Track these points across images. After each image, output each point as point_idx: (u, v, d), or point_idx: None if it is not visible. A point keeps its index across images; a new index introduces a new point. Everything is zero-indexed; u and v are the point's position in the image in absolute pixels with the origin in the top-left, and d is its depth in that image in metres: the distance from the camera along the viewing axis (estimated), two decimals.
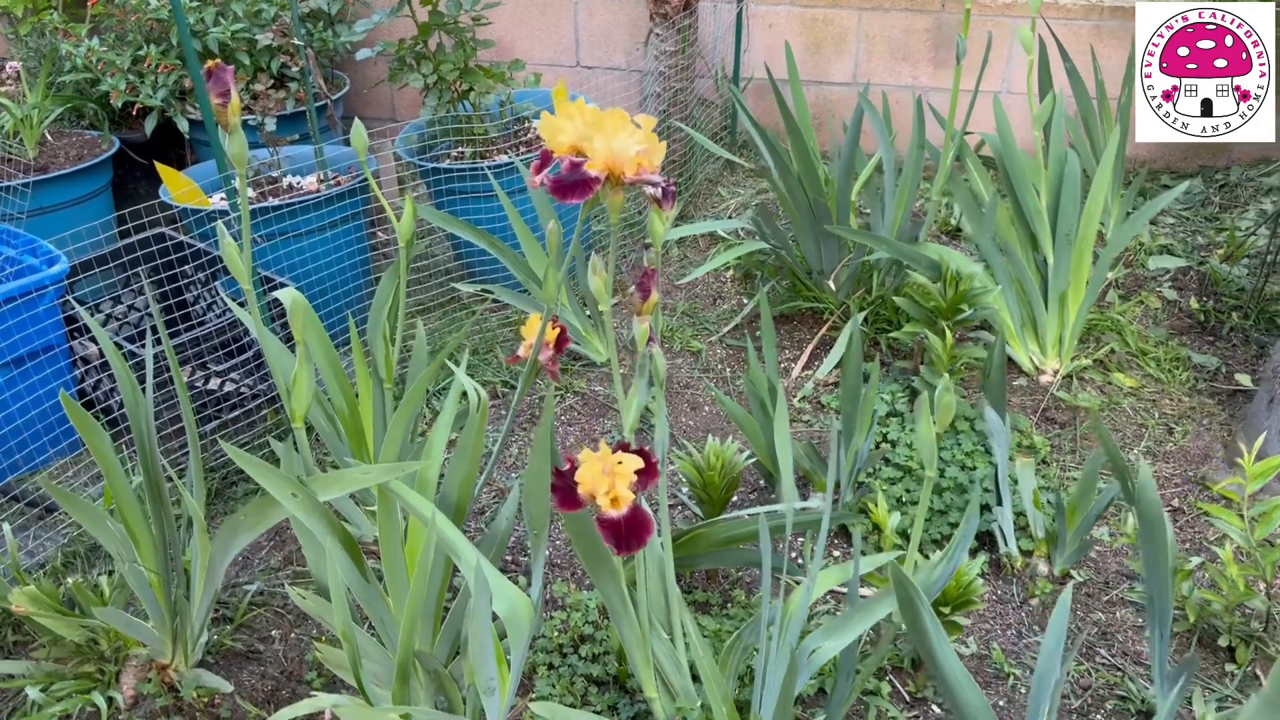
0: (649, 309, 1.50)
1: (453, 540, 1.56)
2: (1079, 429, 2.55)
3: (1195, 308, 2.99)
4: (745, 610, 2.01)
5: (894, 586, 1.28)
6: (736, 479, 2.03)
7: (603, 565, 1.64)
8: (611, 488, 1.45)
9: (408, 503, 1.60)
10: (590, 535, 1.60)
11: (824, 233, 2.66)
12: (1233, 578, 1.80)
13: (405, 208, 2.01)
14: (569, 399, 2.74)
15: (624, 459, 1.46)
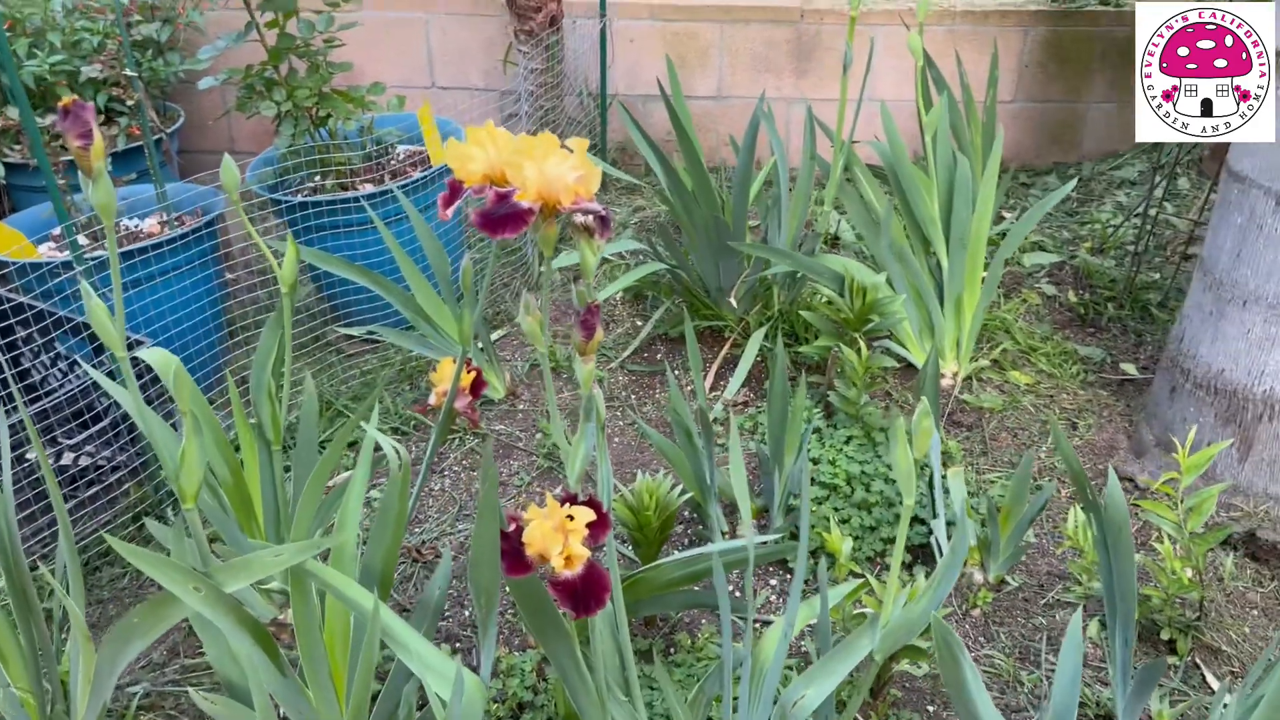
0: (593, 348, 1.38)
1: (394, 629, 1.40)
2: (987, 430, 2.57)
3: (1074, 301, 3.08)
4: (693, 656, 1.90)
5: (936, 642, 1.20)
6: (672, 517, 1.93)
7: (553, 629, 1.50)
8: (566, 546, 1.32)
9: (334, 588, 1.42)
10: (539, 599, 1.47)
11: (723, 249, 2.60)
12: (1175, 571, 1.81)
13: (288, 250, 1.82)
14: (469, 441, 2.57)
15: (575, 512, 1.34)
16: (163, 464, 1.53)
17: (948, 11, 3.81)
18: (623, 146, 4.06)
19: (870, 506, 2.19)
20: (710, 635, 1.96)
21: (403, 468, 1.53)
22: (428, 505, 2.39)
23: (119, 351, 1.39)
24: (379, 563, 1.55)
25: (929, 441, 1.27)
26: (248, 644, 1.45)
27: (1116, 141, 3.98)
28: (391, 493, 1.53)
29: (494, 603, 1.41)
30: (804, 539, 1.40)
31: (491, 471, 1.35)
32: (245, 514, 1.99)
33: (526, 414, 2.66)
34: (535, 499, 2.39)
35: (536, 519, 1.34)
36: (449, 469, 2.49)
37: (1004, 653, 1.96)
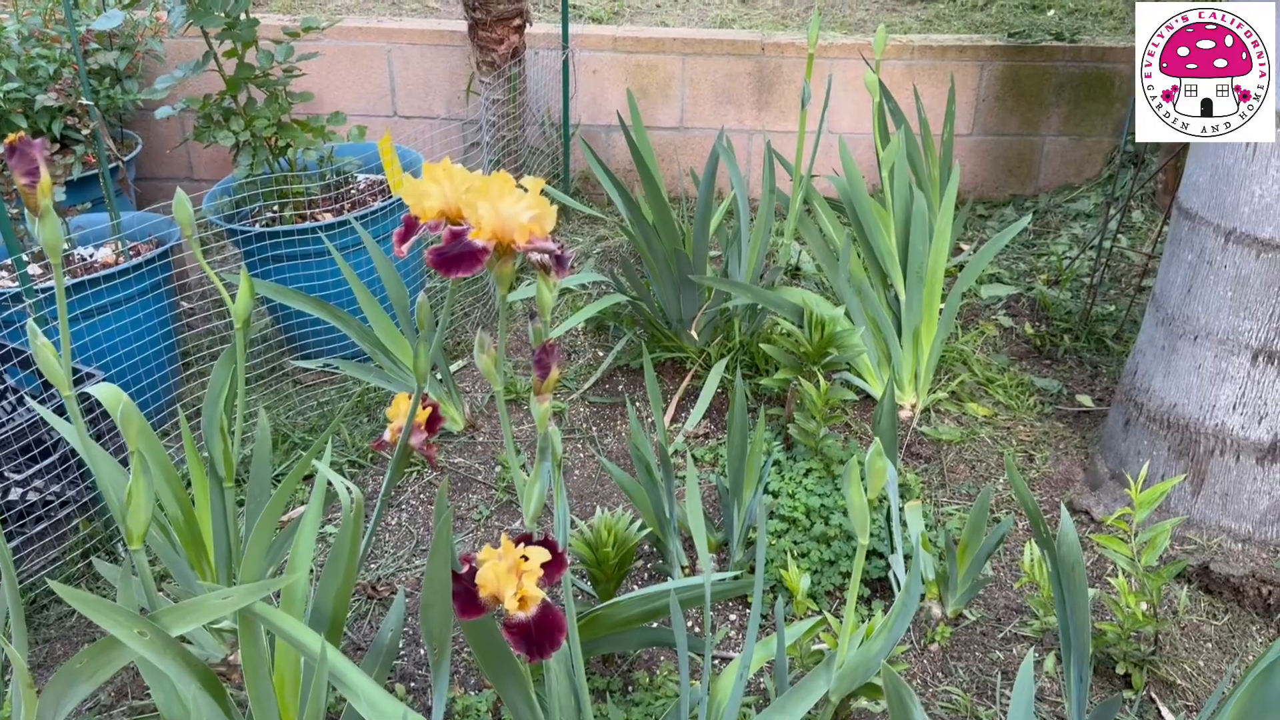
0: (550, 386, 1.38)
1: (345, 673, 1.37)
2: (945, 462, 2.58)
3: (1030, 333, 3.12)
4: (651, 694, 1.89)
5: (887, 693, 1.20)
6: (631, 553, 1.92)
7: (507, 671, 1.49)
8: (520, 587, 1.32)
9: (283, 631, 1.40)
10: (493, 641, 1.46)
11: (684, 281, 2.61)
12: (1129, 606, 1.83)
13: (241, 284, 1.80)
14: (427, 474, 2.55)
15: (530, 552, 1.33)
16: (108, 503, 1.50)
17: (905, 46, 3.86)
18: (586, 176, 4.07)
19: (829, 540, 2.20)
20: (669, 673, 1.95)
21: (355, 507, 1.51)
22: (384, 540, 2.36)
23: (65, 391, 1.37)
24: (330, 604, 1.53)
25: (882, 481, 1.27)
26: (194, 689, 1.42)
27: (1072, 174, 4.05)
28: (344, 534, 1.51)
29: (446, 647, 1.40)
30: (760, 576, 1.40)
31: (445, 514, 1.33)
32: (196, 551, 1.96)
33: (486, 446, 2.64)
34: (494, 533, 2.37)
35: (490, 560, 1.33)
36: (406, 503, 2.47)
37: (962, 688, 1.97)
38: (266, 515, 1.56)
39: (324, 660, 1.30)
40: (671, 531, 2.04)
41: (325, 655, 1.30)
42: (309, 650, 1.39)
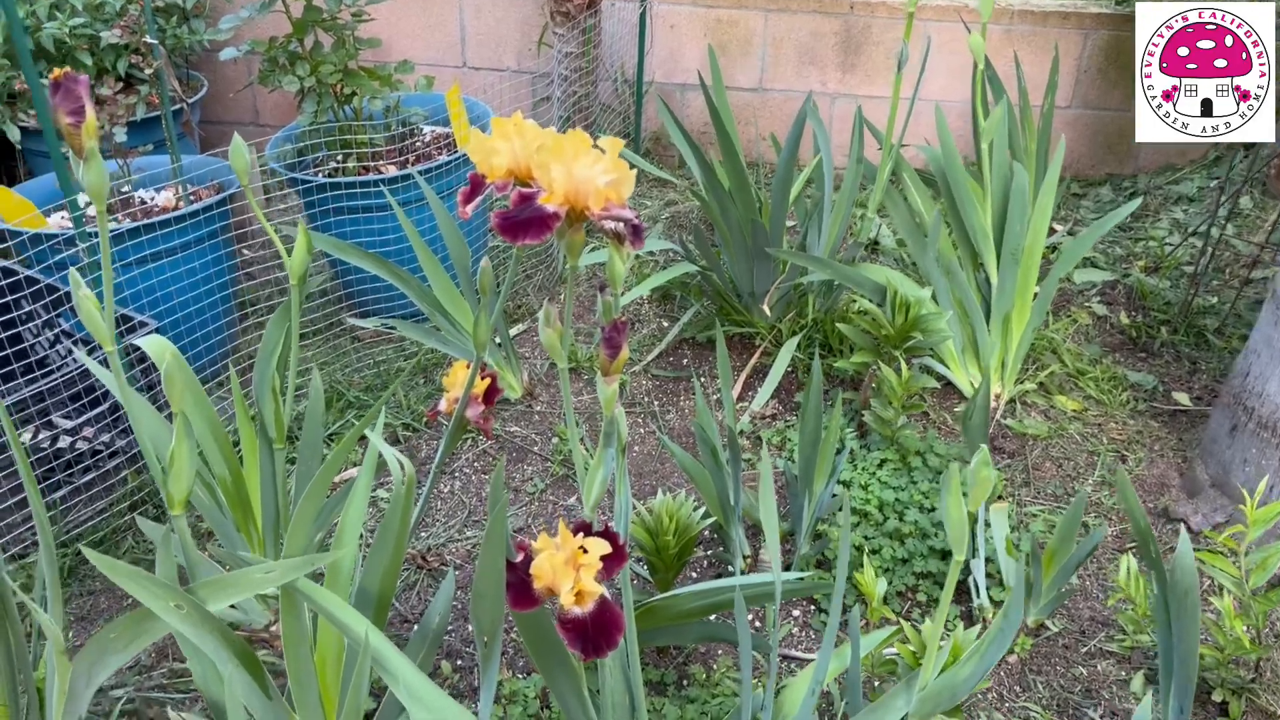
0: (618, 367, 1.28)
1: (387, 658, 1.30)
2: (1030, 459, 2.44)
3: (1126, 323, 2.95)
4: (708, 691, 1.80)
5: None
6: (692, 541, 1.82)
7: (558, 663, 1.41)
8: (577, 581, 1.23)
9: (326, 610, 1.33)
10: (544, 630, 1.37)
11: (759, 253, 2.48)
12: (1234, 631, 1.69)
13: (298, 239, 1.73)
14: (481, 443, 2.48)
15: (589, 544, 1.24)
16: (148, 462, 1.44)
17: (1005, 10, 3.66)
18: (657, 137, 3.94)
19: (903, 537, 2.08)
20: (727, 669, 1.86)
21: (406, 483, 1.43)
22: (435, 509, 2.30)
23: (107, 346, 1.30)
24: (377, 583, 1.46)
25: (987, 492, 1.16)
26: (231, 665, 1.36)
27: (1174, 155, 3.82)
28: (393, 511, 1.43)
29: (497, 639, 1.32)
30: (841, 580, 1.30)
31: (501, 501, 1.25)
32: (243, 513, 1.91)
33: (544, 416, 2.56)
34: (548, 507, 2.29)
35: (546, 550, 1.24)
36: (460, 470, 2.40)
37: (1041, 705, 1.85)
38: (316, 484, 1.48)
39: (367, 648, 1.22)
40: (735, 519, 1.94)
41: (369, 642, 1.23)
42: (353, 633, 1.32)
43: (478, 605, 1.27)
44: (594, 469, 1.32)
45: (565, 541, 1.25)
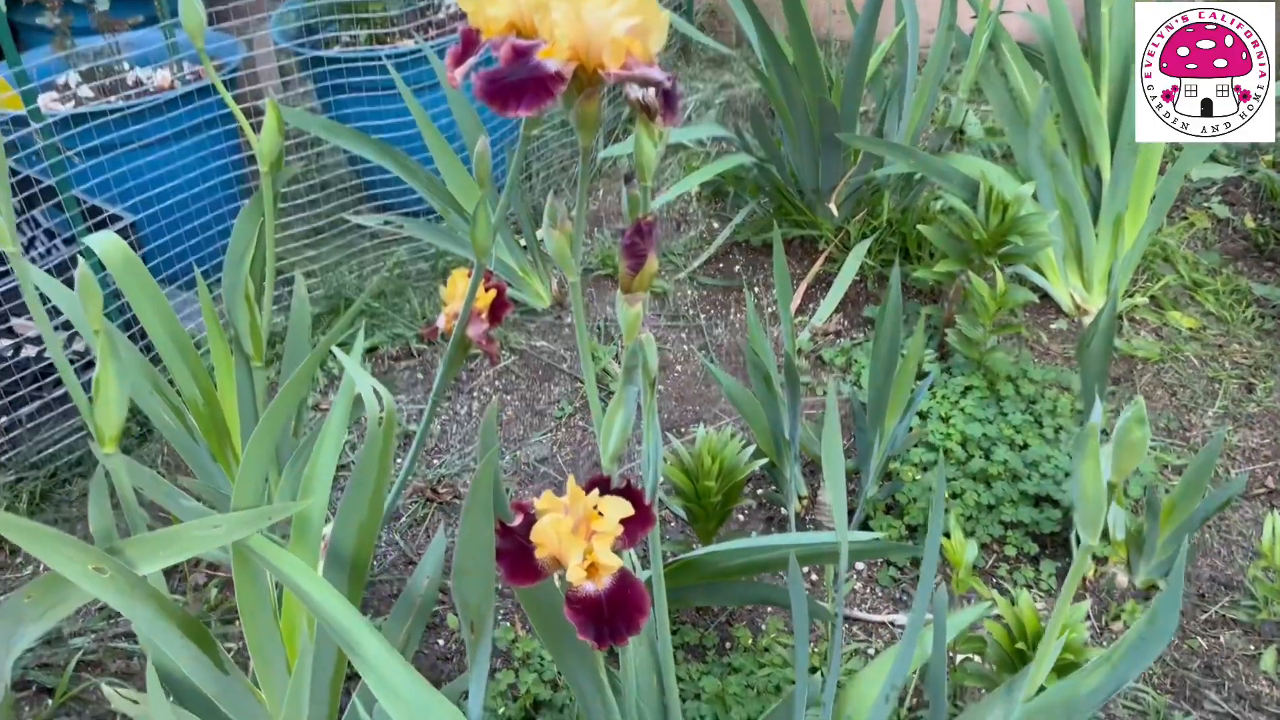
0: (644, 282, 0.99)
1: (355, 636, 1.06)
2: (1139, 385, 2.12)
3: (1251, 227, 2.57)
4: (754, 659, 1.55)
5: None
6: (739, 486, 1.55)
7: (569, 645, 1.16)
8: (589, 551, 0.97)
9: (284, 575, 1.09)
10: (552, 607, 1.12)
11: (827, 141, 2.15)
12: None
13: (267, 116, 1.44)
14: (502, 357, 2.22)
15: (605, 505, 0.99)
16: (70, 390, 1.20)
17: None
18: (712, 9, 3.55)
19: (990, 479, 1.79)
20: (778, 632, 1.60)
21: (385, 419, 1.17)
22: (450, 433, 2.05)
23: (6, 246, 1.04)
24: (351, 541, 1.21)
25: (1138, 459, 0.86)
26: (174, 638, 1.14)
27: None
28: (369, 454, 1.17)
29: (486, 623, 1.06)
30: (933, 552, 1.02)
31: (491, 452, 0.98)
32: (219, 440, 1.67)
33: (574, 328, 2.28)
34: (576, 434, 2.03)
35: (551, 511, 0.98)
36: (479, 390, 2.14)
37: (1152, 684, 1.57)
38: (273, 414, 1.22)
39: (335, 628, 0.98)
40: (792, 457, 1.67)
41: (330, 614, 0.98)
42: (314, 603, 1.08)
43: (461, 583, 1.02)
44: (613, 411, 1.05)
45: (576, 501, 0.99)
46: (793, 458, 1.66)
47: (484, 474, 0.96)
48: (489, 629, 1.06)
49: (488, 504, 0.98)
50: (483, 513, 0.98)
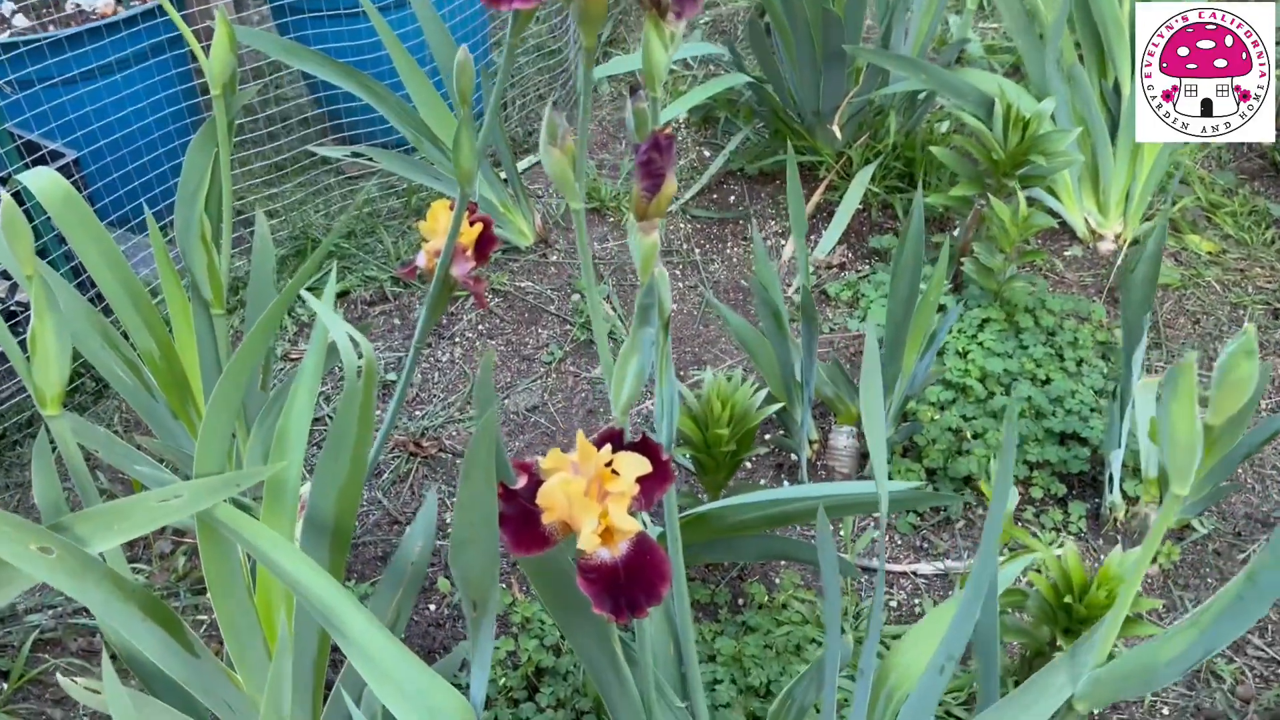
0: (661, 206, 0.86)
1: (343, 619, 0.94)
2: (1160, 314, 2.02)
3: (1268, 144, 2.46)
4: (770, 616, 1.46)
5: None
6: (752, 434, 1.44)
7: (580, 616, 1.06)
8: (604, 515, 0.87)
9: (256, 548, 0.97)
10: (559, 574, 1.02)
11: (829, 56, 2.00)
12: None
13: (217, 31, 1.29)
14: (489, 298, 2.08)
15: (620, 462, 0.88)
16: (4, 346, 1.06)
17: None
18: None
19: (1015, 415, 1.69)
20: (794, 587, 1.51)
21: (364, 369, 1.04)
22: (432, 381, 1.93)
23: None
24: (331, 506, 1.09)
25: (1246, 393, 0.76)
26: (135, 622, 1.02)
27: None
28: (347, 408, 1.05)
29: (490, 600, 0.95)
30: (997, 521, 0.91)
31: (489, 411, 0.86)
32: (179, 396, 1.54)
33: (561, 267, 2.15)
34: (566, 380, 1.91)
35: (559, 470, 0.87)
36: (461, 335, 2.01)
37: None
38: (242, 356, 1.09)
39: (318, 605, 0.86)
40: (804, 401, 1.56)
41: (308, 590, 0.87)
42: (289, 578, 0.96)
43: (461, 556, 0.90)
44: (625, 356, 0.93)
45: (586, 459, 0.88)
46: (805, 402, 1.55)
47: (483, 434, 0.84)
48: (494, 606, 0.95)
49: (489, 466, 0.86)
50: (483, 477, 0.86)
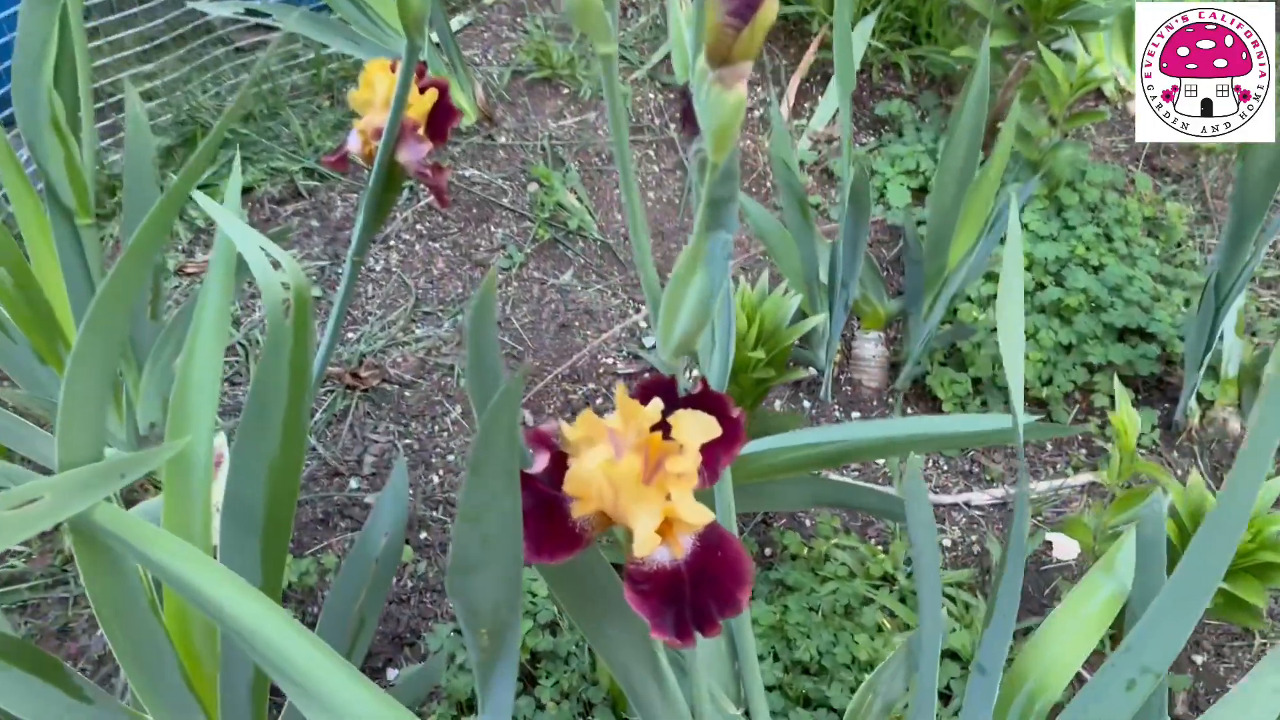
0: (754, 44, 0.57)
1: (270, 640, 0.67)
2: (1205, 183, 1.80)
3: None
4: (810, 573, 1.22)
5: None
6: (786, 353, 1.17)
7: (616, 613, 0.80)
8: (666, 503, 0.61)
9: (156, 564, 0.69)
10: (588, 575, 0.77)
11: None
12: None
13: None
14: (424, 191, 1.76)
15: (680, 424, 0.62)
16: None
17: None
18: None
19: (1068, 313, 1.46)
20: (832, 531, 1.27)
21: (295, 306, 0.75)
22: (367, 296, 1.62)
23: None
24: (259, 492, 0.80)
25: None
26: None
27: None
28: (274, 364, 0.75)
29: (507, 632, 0.68)
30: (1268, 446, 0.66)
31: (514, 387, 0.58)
32: (45, 333, 1.21)
33: (512, 151, 1.83)
34: (533, 289, 1.62)
35: (593, 440, 0.61)
36: (398, 236, 1.70)
37: None
38: (119, 276, 0.77)
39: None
40: (839, 305, 1.30)
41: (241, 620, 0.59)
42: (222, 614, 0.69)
43: (465, 583, 0.63)
44: (685, 271, 0.66)
45: (631, 422, 0.62)
46: (842, 306, 1.29)
47: (502, 409, 0.56)
48: (515, 642, 0.68)
49: (507, 455, 0.58)
50: (502, 471, 0.58)
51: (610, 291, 1.62)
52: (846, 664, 1.11)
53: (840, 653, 1.12)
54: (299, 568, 1.23)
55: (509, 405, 0.56)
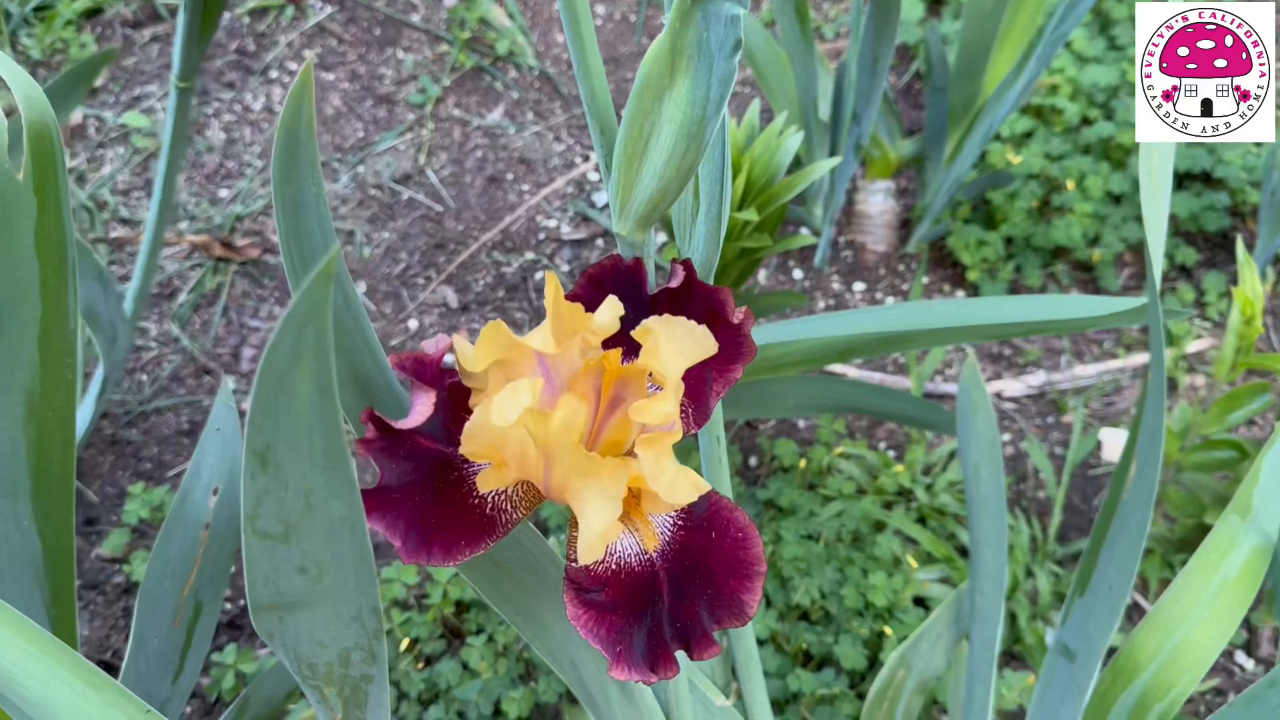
0: None
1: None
2: None
3: None
4: (810, 489, 1.01)
5: None
6: (782, 213, 0.92)
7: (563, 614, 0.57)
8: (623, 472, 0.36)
9: None
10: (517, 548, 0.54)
11: None
12: None
13: None
14: (314, 9, 1.45)
15: (653, 338, 0.38)
16: None
17: None
18: None
19: (1119, 154, 1.22)
20: (833, 438, 1.05)
21: (32, 152, 0.48)
22: (241, 141, 1.33)
23: None
24: (22, 449, 0.55)
25: None
26: None
27: None
28: (6, 240, 0.49)
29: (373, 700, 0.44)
30: None
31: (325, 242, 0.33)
32: None
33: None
34: (453, 128, 1.34)
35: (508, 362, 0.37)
36: (278, 65, 1.40)
37: None
38: None
39: None
40: (848, 150, 1.04)
41: None
42: None
43: (272, 625, 0.38)
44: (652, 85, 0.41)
45: (569, 331, 0.38)
46: (852, 146, 1.03)
47: (308, 302, 0.30)
48: (383, 703, 0.44)
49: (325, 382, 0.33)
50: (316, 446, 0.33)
51: (552, 134, 1.34)
52: (858, 610, 0.91)
53: (849, 594, 0.91)
54: (150, 499, 0.99)
55: (316, 317, 0.31)
